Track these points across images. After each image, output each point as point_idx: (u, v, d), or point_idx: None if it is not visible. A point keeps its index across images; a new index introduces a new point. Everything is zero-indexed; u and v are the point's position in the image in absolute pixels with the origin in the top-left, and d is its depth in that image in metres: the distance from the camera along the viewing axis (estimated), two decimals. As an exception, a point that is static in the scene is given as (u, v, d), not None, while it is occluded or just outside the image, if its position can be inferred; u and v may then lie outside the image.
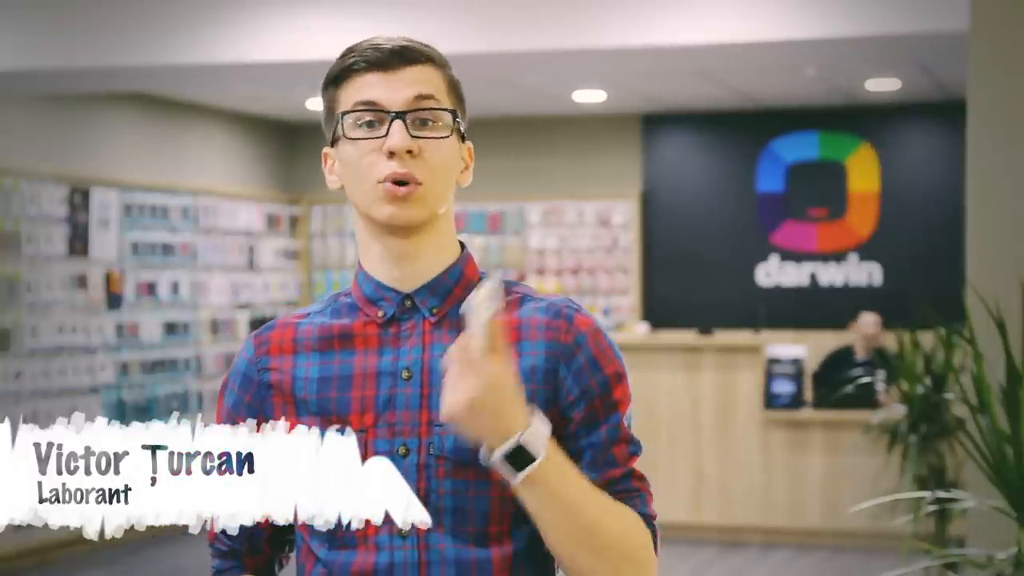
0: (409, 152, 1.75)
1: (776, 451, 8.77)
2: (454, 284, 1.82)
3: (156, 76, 7.42)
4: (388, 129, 1.75)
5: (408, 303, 1.81)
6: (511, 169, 11.13)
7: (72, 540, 8.81)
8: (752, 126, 10.89)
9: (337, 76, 1.80)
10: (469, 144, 1.86)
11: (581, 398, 1.78)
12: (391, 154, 1.75)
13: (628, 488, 1.82)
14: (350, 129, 1.78)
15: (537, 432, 1.64)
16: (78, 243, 8.93)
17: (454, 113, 1.80)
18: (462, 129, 1.83)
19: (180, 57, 6.85)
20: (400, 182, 1.75)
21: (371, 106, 1.76)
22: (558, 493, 1.67)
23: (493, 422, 1.63)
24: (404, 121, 1.75)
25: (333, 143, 1.82)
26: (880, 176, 10.69)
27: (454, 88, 1.83)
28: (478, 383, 1.61)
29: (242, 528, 1.86)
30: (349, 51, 1.80)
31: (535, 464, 1.64)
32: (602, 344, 1.81)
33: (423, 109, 1.77)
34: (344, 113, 1.78)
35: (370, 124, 1.77)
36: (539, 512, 1.68)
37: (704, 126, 11.04)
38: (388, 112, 1.76)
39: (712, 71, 9.00)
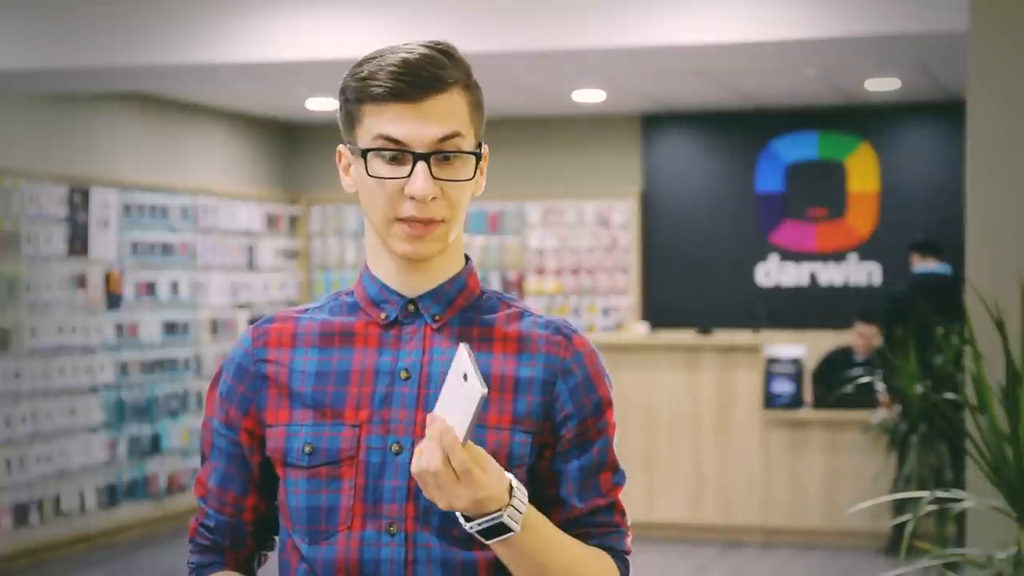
0: (433, 197, 1.74)
1: (776, 451, 8.78)
2: (457, 294, 1.83)
3: (156, 76, 7.42)
4: (412, 170, 1.73)
5: (411, 308, 1.82)
6: (511, 169, 11.13)
7: (72, 540, 8.82)
8: (752, 126, 10.90)
9: (359, 93, 1.75)
10: (485, 149, 1.83)
11: (574, 415, 1.80)
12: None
13: (608, 522, 1.83)
14: (372, 163, 1.75)
15: (516, 507, 1.68)
16: (78, 243, 8.93)
17: (477, 156, 1.77)
18: (481, 152, 1.80)
19: (180, 57, 6.85)
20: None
21: (395, 144, 1.73)
22: (530, 554, 1.71)
23: (474, 508, 1.66)
24: (428, 162, 1.73)
25: (351, 151, 1.80)
26: (880, 176, 10.69)
27: (477, 107, 1.79)
28: (468, 496, 1.63)
29: (226, 522, 1.87)
30: (375, 69, 1.73)
31: (510, 535, 1.68)
32: (597, 366, 1.84)
33: (447, 151, 1.74)
34: (366, 150, 1.75)
35: (393, 158, 1.74)
36: (509, 563, 1.72)
37: (704, 126, 11.05)
38: (412, 151, 1.73)
39: (712, 71, 9.00)
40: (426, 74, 1.73)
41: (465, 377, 1.62)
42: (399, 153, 1.73)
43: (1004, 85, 4.33)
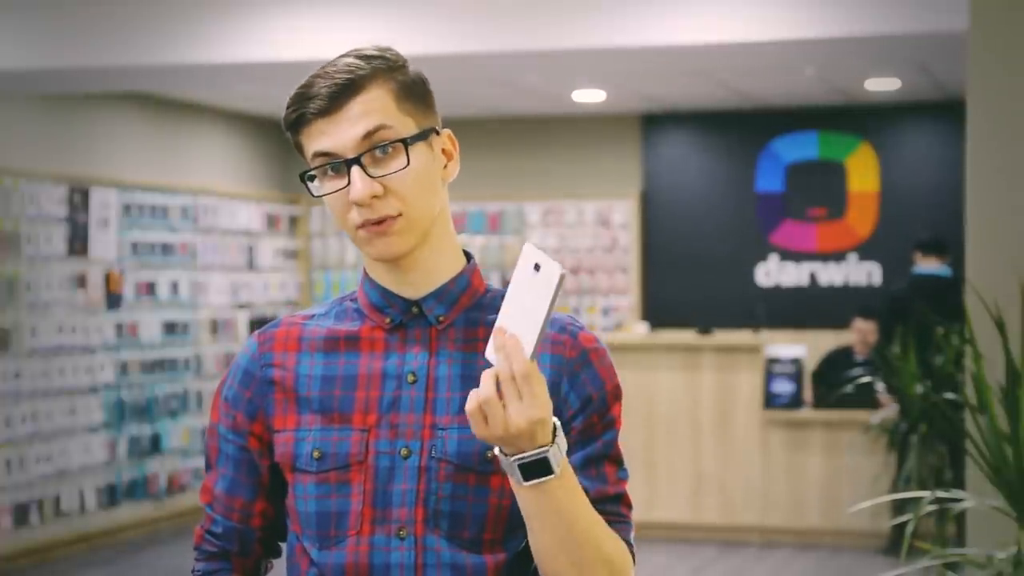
0: (375, 196, 1.74)
1: (776, 451, 8.78)
2: (460, 293, 1.82)
3: (156, 76, 7.42)
4: (348, 178, 1.74)
5: (415, 310, 1.81)
6: (511, 169, 11.13)
7: (72, 540, 8.82)
8: (752, 126, 10.90)
9: (289, 125, 1.80)
10: (447, 132, 1.83)
11: (581, 411, 1.79)
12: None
13: (617, 512, 1.80)
14: (317, 185, 1.78)
15: (559, 448, 1.64)
16: (78, 243, 8.93)
17: (405, 141, 1.75)
18: (429, 134, 1.79)
19: (180, 57, 6.85)
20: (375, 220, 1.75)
21: (326, 158, 1.75)
22: (561, 505, 1.66)
23: (525, 433, 1.61)
24: (360, 164, 1.73)
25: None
26: (880, 176, 10.69)
27: (407, 95, 1.78)
28: (526, 414, 1.59)
29: (234, 528, 1.86)
30: (295, 97, 1.78)
31: (549, 478, 1.63)
32: (604, 362, 1.82)
33: (375, 147, 1.74)
34: (303, 175, 1.78)
35: (334, 169, 1.75)
36: (536, 517, 1.67)
37: (704, 126, 11.05)
38: (343, 159, 1.74)
39: (712, 71, 9.00)
40: (339, 82, 1.74)
41: (537, 267, 1.59)
42: (335, 165, 1.74)
43: (1004, 85, 4.33)
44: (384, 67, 1.77)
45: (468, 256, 1.86)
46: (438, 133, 1.81)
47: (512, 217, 11.30)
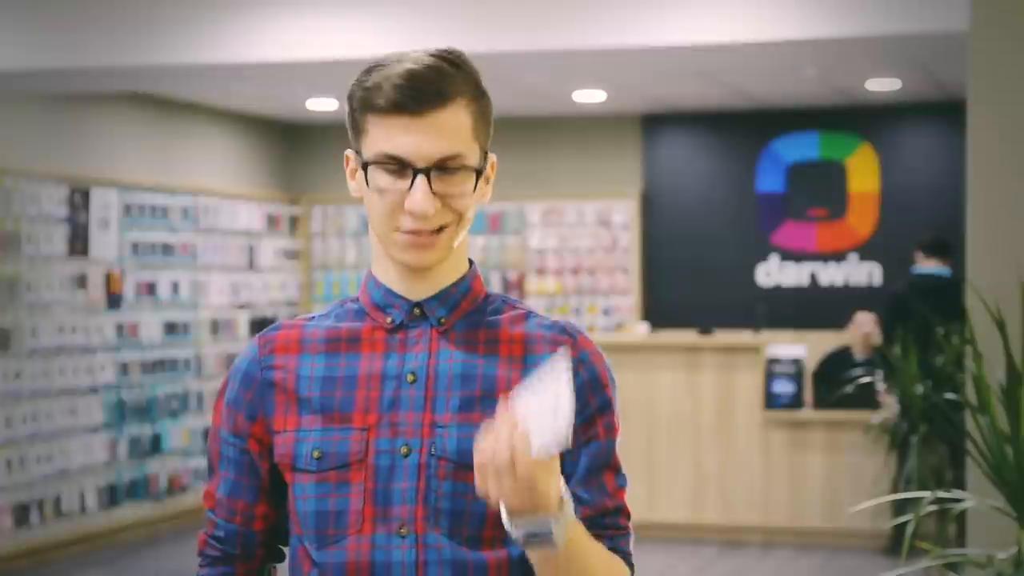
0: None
1: (776, 451, 8.77)
2: (462, 297, 1.84)
3: (156, 76, 7.42)
4: (412, 183, 1.72)
5: (417, 311, 1.82)
6: (511, 169, 11.12)
7: (72, 540, 8.81)
8: (752, 126, 10.89)
9: (364, 103, 1.75)
10: (492, 159, 1.83)
11: (579, 414, 1.78)
12: None
13: (616, 525, 1.82)
14: (373, 176, 1.75)
15: (565, 517, 1.64)
16: (78, 243, 8.93)
17: (478, 171, 1.76)
18: (487, 160, 1.80)
19: (180, 57, 6.85)
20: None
21: (395, 160, 1.73)
22: (564, 564, 1.68)
23: (526, 511, 1.62)
24: (428, 176, 1.73)
25: (358, 157, 1.80)
26: (880, 176, 10.69)
27: (481, 119, 1.78)
28: (523, 498, 1.59)
29: (236, 531, 1.87)
30: (380, 79, 1.74)
31: (552, 548, 1.64)
32: (603, 366, 1.84)
33: (446, 169, 1.73)
34: (367, 164, 1.75)
35: (394, 170, 1.74)
36: (538, 566, 1.70)
37: (704, 126, 11.05)
38: (412, 165, 1.72)
39: (712, 71, 9.00)
40: (430, 88, 1.72)
41: (554, 411, 1.59)
42: (399, 167, 1.73)
43: (1004, 85, 4.33)
44: (471, 83, 1.77)
45: (470, 262, 1.88)
46: (486, 156, 1.82)
47: (512, 217, 11.30)
